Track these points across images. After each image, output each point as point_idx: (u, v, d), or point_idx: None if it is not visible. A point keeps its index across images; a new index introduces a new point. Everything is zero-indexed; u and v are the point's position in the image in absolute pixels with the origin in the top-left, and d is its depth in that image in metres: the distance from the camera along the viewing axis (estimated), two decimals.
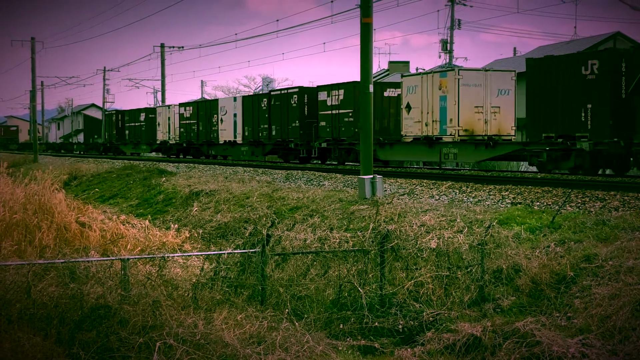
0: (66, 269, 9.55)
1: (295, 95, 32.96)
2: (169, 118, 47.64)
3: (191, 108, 44.38)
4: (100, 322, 8.55)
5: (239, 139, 38.10)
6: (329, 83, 31.28)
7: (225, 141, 39.57)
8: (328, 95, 30.80)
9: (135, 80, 73.12)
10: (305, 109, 32.48)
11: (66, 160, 50.37)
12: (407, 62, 79.36)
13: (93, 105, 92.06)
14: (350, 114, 29.19)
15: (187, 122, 44.02)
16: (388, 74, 74.47)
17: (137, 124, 53.36)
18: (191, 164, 35.80)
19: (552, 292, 9.33)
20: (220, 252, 11.65)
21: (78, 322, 8.61)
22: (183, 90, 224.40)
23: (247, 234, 13.21)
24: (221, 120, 40.02)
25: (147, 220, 17.64)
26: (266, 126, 35.18)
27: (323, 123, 31.03)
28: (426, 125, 25.82)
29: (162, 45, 57.03)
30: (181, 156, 46.24)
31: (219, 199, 20.26)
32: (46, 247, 15.01)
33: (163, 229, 17.31)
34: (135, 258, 10.52)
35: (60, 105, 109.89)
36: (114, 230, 16.46)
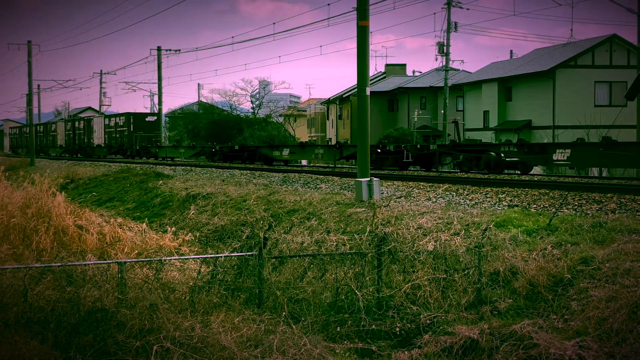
0: (63, 272, 9.52)
1: None
2: None
3: None
4: (97, 326, 8.52)
5: None
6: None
7: None
8: None
9: (132, 83, 73.29)
10: None
11: (63, 163, 50.26)
12: (404, 65, 79.07)
13: (90, 108, 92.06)
14: None
15: None
16: (385, 77, 74.30)
17: None
18: (188, 167, 35.72)
19: (549, 295, 9.33)
20: (217, 255, 11.61)
21: (75, 325, 8.58)
22: (180, 93, 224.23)
23: (244, 237, 13.17)
24: None
25: (144, 224, 17.61)
26: None
27: None
28: None
29: (159, 49, 56.97)
30: None
31: (216, 202, 20.24)
32: (43, 250, 14.95)
33: (160, 232, 17.28)
34: (132, 261, 10.49)
35: (57, 108, 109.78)
36: (110, 233, 16.41)
